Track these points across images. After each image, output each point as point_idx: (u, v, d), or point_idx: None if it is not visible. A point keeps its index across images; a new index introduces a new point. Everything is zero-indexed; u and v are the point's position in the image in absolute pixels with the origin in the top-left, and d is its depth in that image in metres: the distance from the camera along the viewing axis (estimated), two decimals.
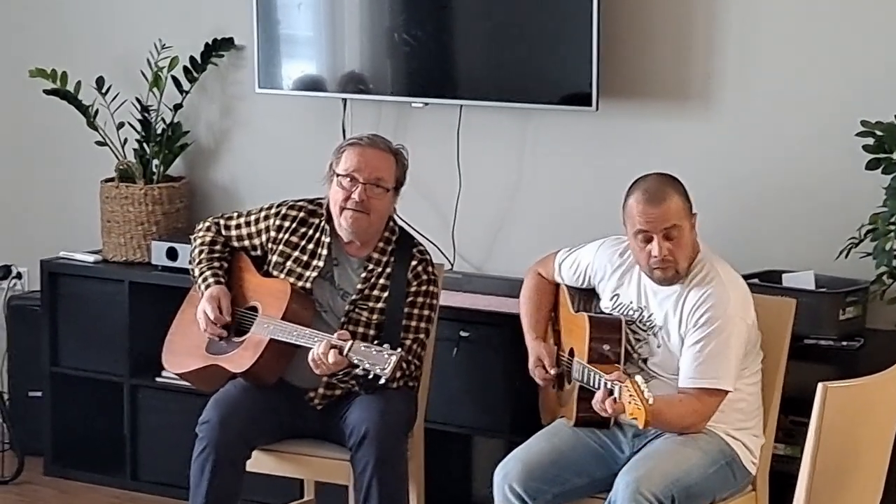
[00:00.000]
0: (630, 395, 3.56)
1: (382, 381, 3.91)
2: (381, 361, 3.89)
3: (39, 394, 5.46)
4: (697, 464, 3.78)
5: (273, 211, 4.33)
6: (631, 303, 3.98)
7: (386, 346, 3.94)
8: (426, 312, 4.24)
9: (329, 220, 4.26)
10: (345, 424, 4.14)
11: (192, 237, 4.44)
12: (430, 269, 4.27)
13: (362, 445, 4.06)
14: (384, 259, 4.24)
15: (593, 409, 3.77)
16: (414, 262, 4.24)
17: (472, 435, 4.90)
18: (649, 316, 3.94)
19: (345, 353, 3.95)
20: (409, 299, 4.21)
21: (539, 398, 4.25)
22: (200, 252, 4.35)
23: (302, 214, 4.30)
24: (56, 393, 5.41)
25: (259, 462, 4.26)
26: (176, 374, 4.40)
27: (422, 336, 4.23)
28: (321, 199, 4.32)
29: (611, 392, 3.68)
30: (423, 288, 4.24)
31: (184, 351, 4.32)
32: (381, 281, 4.22)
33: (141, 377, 5.18)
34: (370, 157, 4.20)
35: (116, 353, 5.24)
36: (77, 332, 5.35)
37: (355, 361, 3.94)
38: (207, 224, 4.41)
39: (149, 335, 4.59)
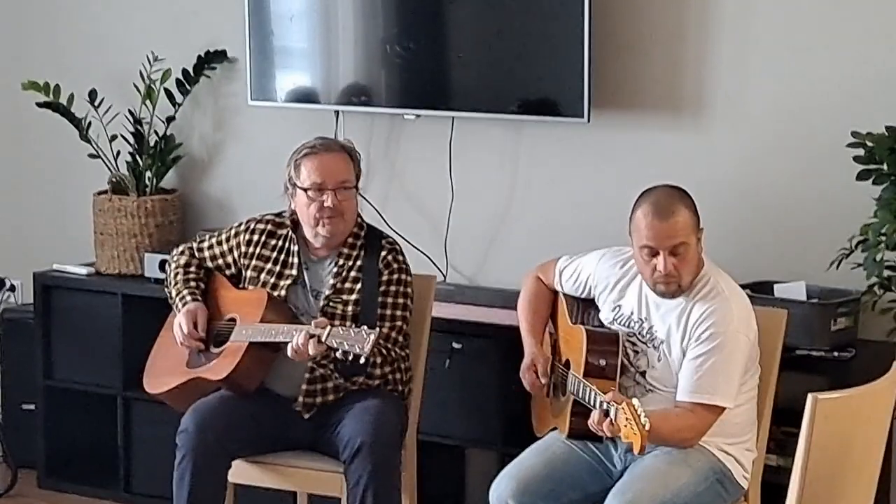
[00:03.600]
0: (626, 419, 3.53)
1: (362, 360, 3.93)
2: (360, 341, 3.92)
3: (33, 406, 5.47)
4: (687, 483, 3.77)
5: (242, 228, 4.40)
6: (632, 314, 3.96)
7: (363, 326, 3.98)
8: (401, 300, 4.27)
9: (295, 229, 4.31)
10: (338, 437, 4.15)
11: (167, 265, 4.47)
12: (400, 258, 4.31)
13: (356, 458, 4.06)
14: (353, 253, 4.29)
15: (587, 424, 3.76)
16: (384, 253, 4.28)
17: (465, 447, 4.90)
18: (650, 328, 3.92)
19: (323, 339, 3.97)
20: (382, 289, 4.25)
21: (531, 406, 4.25)
22: (176, 275, 4.41)
23: (269, 227, 4.37)
24: (49, 406, 5.42)
25: (250, 474, 4.26)
26: (157, 395, 4.37)
27: (399, 324, 4.25)
28: (284, 211, 4.38)
29: (607, 413, 3.64)
30: (395, 276, 4.27)
31: (165, 372, 4.35)
32: (353, 273, 4.26)
33: (134, 389, 5.14)
34: (329, 163, 4.25)
35: (110, 365, 5.24)
36: (70, 344, 5.35)
37: (334, 345, 3.97)
38: (181, 249, 4.48)
39: (142, 347, 4.58)
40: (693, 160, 4.65)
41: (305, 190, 4.24)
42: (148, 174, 5.38)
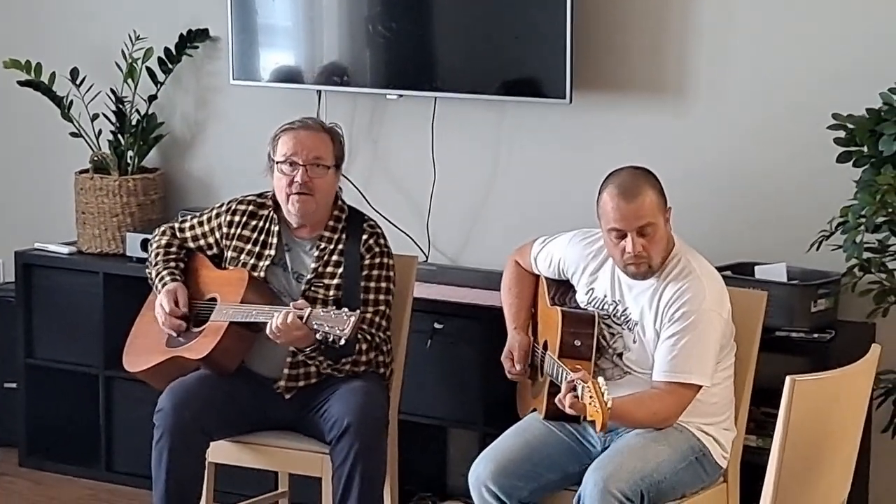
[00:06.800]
0: (590, 396, 3.54)
1: (342, 342, 3.93)
2: (341, 323, 3.93)
3: (14, 385, 5.46)
4: (667, 460, 3.78)
5: (224, 209, 4.39)
6: (605, 297, 3.97)
7: (344, 309, 3.98)
8: (383, 284, 4.27)
9: (276, 209, 4.31)
10: (322, 418, 4.16)
11: (148, 244, 4.47)
12: (381, 241, 4.31)
13: (343, 438, 4.07)
14: (335, 237, 4.28)
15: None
16: (365, 237, 4.28)
17: (447, 426, 4.91)
18: (624, 310, 3.93)
19: (304, 320, 3.97)
20: (364, 273, 4.24)
21: (517, 388, 4.26)
22: (157, 255, 4.40)
23: (251, 208, 4.35)
24: (31, 384, 5.41)
25: (231, 454, 4.27)
26: (136, 374, 4.38)
27: (382, 308, 4.25)
28: (266, 192, 4.37)
29: (574, 389, 3.66)
30: (377, 260, 4.27)
31: (144, 350, 4.35)
32: (334, 258, 4.25)
33: (116, 369, 5.12)
34: (305, 139, 4.25)
35: (91, 344, 5.24)
36: (52, 323, 5.34)
37: (314, 326, 3.97)
38: (163, 229, 4.47)
39: (123, 327, 4.58)
40: (674, 141, 4.65)
41: (279, 164, 4.24)
42: (130, 153, 5.37)
